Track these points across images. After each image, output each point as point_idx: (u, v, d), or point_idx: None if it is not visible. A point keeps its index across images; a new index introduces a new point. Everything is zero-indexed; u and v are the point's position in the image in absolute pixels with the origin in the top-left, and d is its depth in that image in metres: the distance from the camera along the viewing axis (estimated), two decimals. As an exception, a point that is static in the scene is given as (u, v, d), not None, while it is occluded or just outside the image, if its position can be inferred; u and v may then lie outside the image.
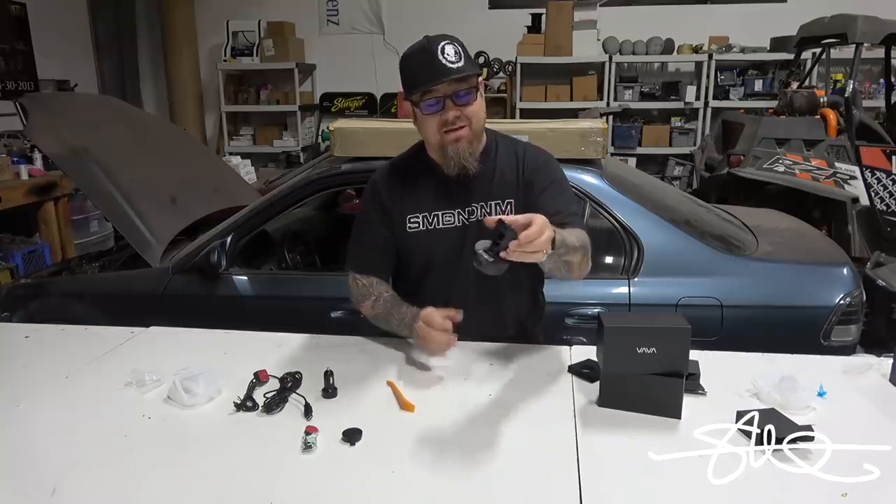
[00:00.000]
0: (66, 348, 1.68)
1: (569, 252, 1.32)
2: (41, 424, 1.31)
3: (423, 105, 1.44)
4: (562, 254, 1.29)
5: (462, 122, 1.43)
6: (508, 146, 1.59)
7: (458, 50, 1.41)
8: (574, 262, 1.37)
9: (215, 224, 2.65)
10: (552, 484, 1.08)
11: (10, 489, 1.10)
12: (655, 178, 3.39)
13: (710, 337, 2.09)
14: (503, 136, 1.62)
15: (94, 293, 2.65)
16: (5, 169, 4.44)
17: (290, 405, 1.35)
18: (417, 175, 1.58)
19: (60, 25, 6.36)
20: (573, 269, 1.39)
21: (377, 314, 1.59)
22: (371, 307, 1.60)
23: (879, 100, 5.95)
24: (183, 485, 1.10)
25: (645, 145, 6.63)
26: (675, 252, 2.29)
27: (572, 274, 1.41)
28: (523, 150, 1.58)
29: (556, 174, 1.57)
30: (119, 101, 3.96)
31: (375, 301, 1.59)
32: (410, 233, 1.57)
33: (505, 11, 6.86)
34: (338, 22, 7.23)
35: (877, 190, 4.26)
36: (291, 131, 7.32)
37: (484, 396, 1.38)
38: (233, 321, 1.84)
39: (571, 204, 1.55)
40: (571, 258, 1.35)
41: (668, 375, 1.25)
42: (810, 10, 5.24)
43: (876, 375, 1.46)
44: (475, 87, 1.45)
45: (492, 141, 1.57)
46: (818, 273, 2.32)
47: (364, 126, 2.48)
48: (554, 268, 1.35)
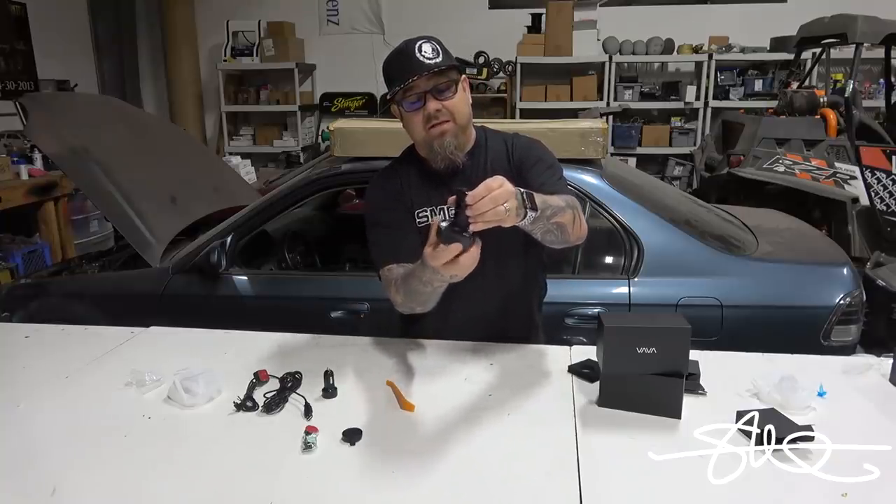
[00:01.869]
0: (66, 348, 1.68)
1: (556, 213, 1.29)
2: (41, 424, 1.31)
3: (405, 104, 1.44)
4: (549, 215, 1.27)
5: (445, 116, 1.43)
6: (498, 139, 1.60)
7: (436, 47, 1.42)
8: (565, 222, 1.33)
9: (215, 224, 2.65)
10: (552, 484, 1.08)
11: (10, 489, 1.10)
12: (655, 178, 3.39)
13: (710, 337, 2.09)
14: (493, 130, 1.62)
15: (94, 293, 2.65)
16: (5, 169, 4.44)
17: (290, 405, 1.35)
18: (413, 175, 1.58)
19: (60, 25, 6.36)
20: (566, 230, 1.34)
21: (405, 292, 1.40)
22: (397, 292, 1.43)
23: (879, 100, 5.95)
24: (183, 485, 1.10)
25: (645, 145, 6.63)
26: (675, 252, 2.29)
27: (569, 236, 1.36)
28: (511, 140, 1.59)
29: (542, 153, 1.56)
30: (119, 101, 3.96)
31: (397, 283, 1.44)
32: (420, 228, 1.57)
33: (505, 11, 6.86)
34: (338, 22, 7.23)
35: (877, 190, 4.26)
36: (291, 131, 7.32)
37: (484, 396, 1.38)
38: (233, 321, 1.85)
39: (558, 177, 1.52)
40: (560, 219, 1.31)
41: (668, 375, 1.25)
42: (810, 10, 5.24)
43: (876, 375, 1.46)
44: (455, 81, 1.44)
45: (481, 135, 1.58)
46: (818, 273, 2.32)
47: (364, 126, 2.48)
48: (546, 232, 1.31)
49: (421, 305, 1.40)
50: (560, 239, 1.35)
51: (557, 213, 1.30)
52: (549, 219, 1.28)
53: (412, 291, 1.36)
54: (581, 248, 2.42)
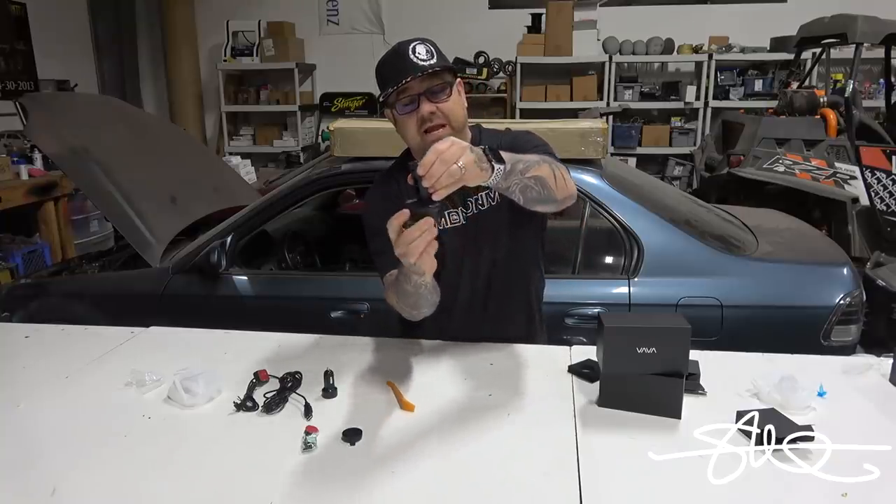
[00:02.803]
0: (66, 348, 1.68)
1: (530, 167, 1.25)
2: (41, 424, 1.31)
3: (399, 106, 1.42)
4: (521, 170, 1.23)
5: (439, 120, 1.41)
6: (493, 137, 1.57)
7: (430, 49, 1.40)
8: (544, 175, 1.28)
9: (215, 224, 2.65)
10: (552, 484, 1.08)
11: (10, 489, 1.10)
12: (655, 178, 3.39)
13: (710, 337, 2.09)
14: (488, 130, 1.61)
15: (94, 293, 2.66)
16: (5, 169, 4.45)
17: (290, 405, 1.35)
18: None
19: (60, 25, 6.36)
20: (548, 184, 1.29)
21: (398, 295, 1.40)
22: (392, 293, 1.43)
23: (879, 100, 5.95)
24: (183, 485, 1.10)
25: (645, 145, 6.63)
26: (675, 252, 2.29)
27: (552, 192, 1.30)
28: (503, 136, 1.56)
29: (532, 139, 1.53)
30: (119, 101, 3.96)
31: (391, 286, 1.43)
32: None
33: (505, 11, 6.86)
34: (338, 22, 7.24)
35: (877, 190, 4.26)
36: (291, 131, 7.32)
37: (484, 396, 1.38)
38: (233, 321, 1.84)
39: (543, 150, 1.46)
40: (537, 172, 1.27)
41: (668, 375, 1.25)
42: (810, 10, 5.24)
43: (876, 375, 1.46)
44: (450, 84, 1.43)
45: (476, 136, 1.56)
46: (818, 273, 2.32)
47: (364, 126, 2.48)
48: (525, 189, 1.26)
49: (411, 308, 1.40)
50: (544, 195, 1.29)
51: (532, 166, 1.26)
52: (524, 173, 1.24)
53: (402, 293, 1.37)
54: (581, 247, 2.43)
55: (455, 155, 1.09)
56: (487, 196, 1.52)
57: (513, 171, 1.21)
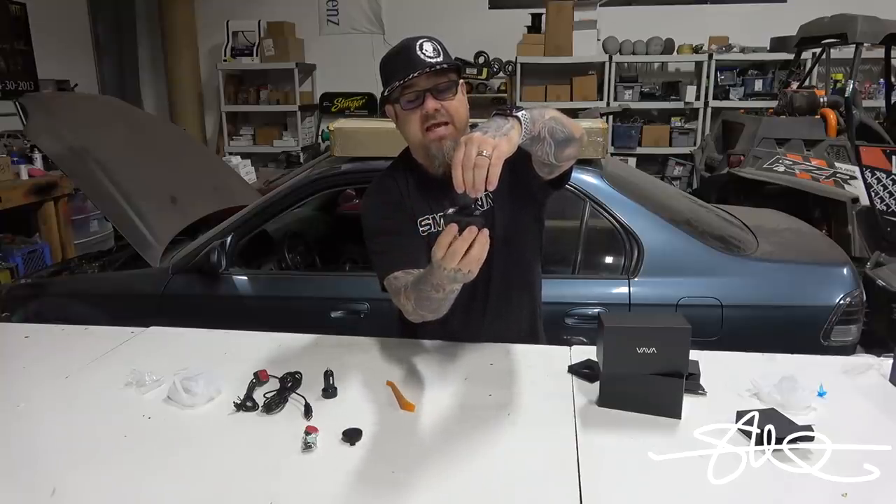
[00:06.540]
0: (66, 348, 1.68)
1: (542, 112, 1.25)
2: (41, 424, 1.31)
3: (403, 101, 1.42)
4: (539, 113, 1.22)
5: (443, 118, 1.41)
6: None
7: (437, 47, 1.40)
8: (556, 114, 1.28)
9: (215, 224, 2.66)
10: (552, 484, 1.08)
11: (10, 489, 1.10)
12: (655, 178, 3.39)
13: (710, 337, 2.09)
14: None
15: (94, 293, 2.66)
16: (5, 169, 4.45)
17: (290, 405, 1.35)
18: (411, 182, 1.56)
19: (60, 25, 6.36)
20: (563, 121, 1.29)
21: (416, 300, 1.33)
22: (408, 300, 1.35)
23: (879, 100, 5.95)
24: (183, 485, 1.10)
25: (645, 145, 6.63)
26: (675, 252, 2.29)
27: (570, 128, 1.29)
28: None
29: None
30: (119, 101, 3.96)
31: (406, 291, 1.36)
32: (423, 236, 1.54)
33: (505, 11, 6.86)
34: (338, 22, 7.24)
35: (877, 190, 4.26)
36: (291, 131, 7.32)
37: (484, 396, 1.38)
38: (233, 321, 1.84)
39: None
40: (550, 114, 1.27)
41: (668, 375, 1.25)
42: (810, 10, 5.24)
43: (876, 375, 1.46)
44: (455, 83, 1.43)
45: None
46: (818, 273, 2.32)
47: (364, 126, 2.49)
48: (553, 130, 1.25)
49: (433, 312, 1.34)
50: (567, 132, 1.29)
51: (541, 111, 1.26)
52: (542, 116, 1.24)
53: (423, 299, 1.30)
54: (581, 247, 2.43)
55: (472, 150, 1.06)
56: (488, 197, 1.52)
57: (532, 117, 1.19)
